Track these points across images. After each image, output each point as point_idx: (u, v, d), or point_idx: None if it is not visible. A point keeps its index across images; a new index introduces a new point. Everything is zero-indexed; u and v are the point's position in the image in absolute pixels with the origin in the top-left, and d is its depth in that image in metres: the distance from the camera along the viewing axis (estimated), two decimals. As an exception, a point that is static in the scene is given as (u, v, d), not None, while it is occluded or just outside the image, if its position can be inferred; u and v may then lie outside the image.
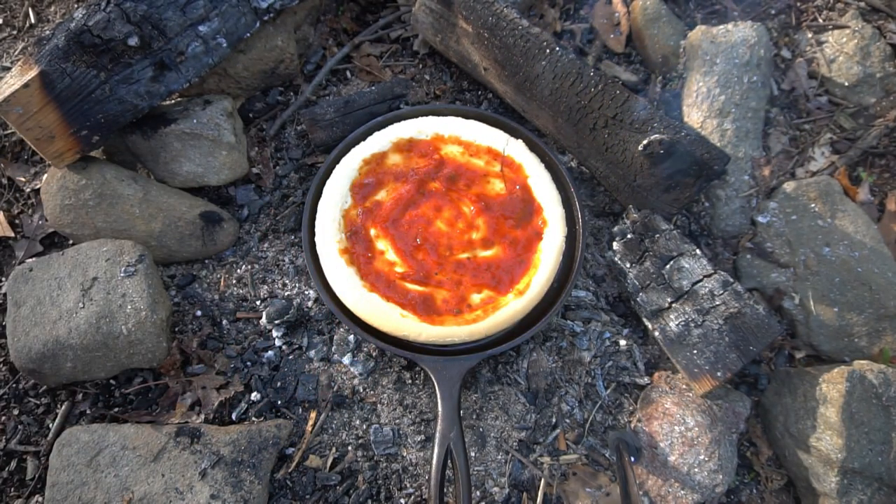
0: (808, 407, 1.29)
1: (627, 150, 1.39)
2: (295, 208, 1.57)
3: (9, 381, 1.40)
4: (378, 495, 1.29)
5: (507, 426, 1.35)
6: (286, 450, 1.32)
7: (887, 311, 1.39)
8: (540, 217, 1.40)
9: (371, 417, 1.35)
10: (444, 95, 1.75)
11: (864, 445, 1.22)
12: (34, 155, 1.65)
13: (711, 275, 1.34)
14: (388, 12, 1.87)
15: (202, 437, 1.25)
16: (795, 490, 1.35)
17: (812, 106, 1.70)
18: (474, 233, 1.38)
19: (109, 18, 1.25)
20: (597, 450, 1.35)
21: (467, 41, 1.58)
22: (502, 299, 1.31)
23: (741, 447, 1.39)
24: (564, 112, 1.45)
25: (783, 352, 1.47)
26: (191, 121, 1.46)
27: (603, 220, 1.59)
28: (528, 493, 1.30)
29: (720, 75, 1.57)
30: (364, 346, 1.40)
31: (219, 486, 1.20)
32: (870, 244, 1.46)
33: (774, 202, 1.54)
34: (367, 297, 1.29)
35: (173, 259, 1.50)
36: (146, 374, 1.39)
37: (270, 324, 1.40)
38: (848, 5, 1.79)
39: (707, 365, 1.28)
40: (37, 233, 1.55)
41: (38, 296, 1.31)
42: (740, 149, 1.55)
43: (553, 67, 1.42)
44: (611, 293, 1.51)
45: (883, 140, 1.64)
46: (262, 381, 1.38)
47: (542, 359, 1.40)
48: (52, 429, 1.35)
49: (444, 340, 1.27)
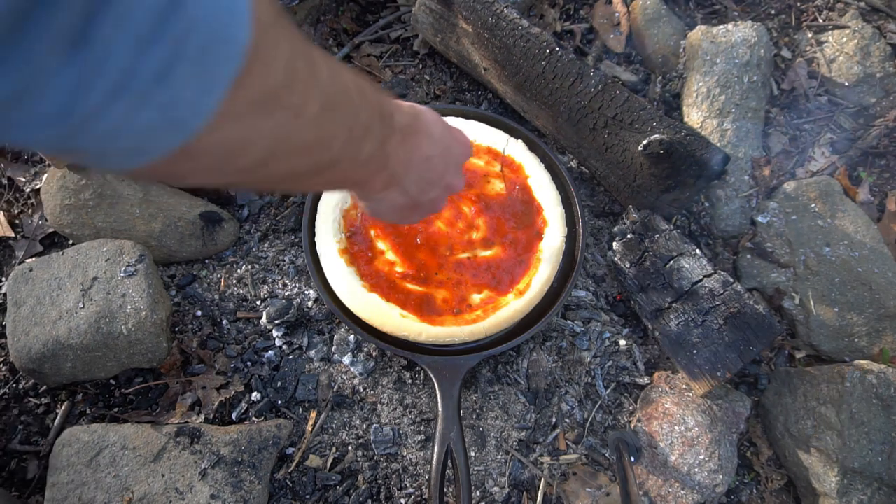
0: (808, 407, 1.29)
1: (627, 150, 1.39)
2: (295, 208, 1.57)
3: (9, 381, 1.40)
4: (378, 495, 1.29)
5: (507, 426, 1.35)
6: (286, 450, 1.32)
7: (887, 311, 1.39)
8: (540, 217, 1.40)
9: (371, 417, 1.35)
10: (444, 95, 1.75)
11: (864, 445, 1.22)
12: (34, 155, 1.65)
13: (711, 275, 1.34)
14: (388, 12, 1.87)
15: (202, 437, 1.25)
16: (795, 490, 1.35)
17: (812, 106, 1.70)
18: (474, 233, 1.38)
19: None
20: (597, 450, 1.35)
21: (467, 41, 1.58)
22: (502, 299, 1.31)
23: (741, 447, 1.39)
24: (564, 112, 1.45)
25: (783, 352, 1.47)
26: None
27: (603, 220, 1.59)
28: (528, 492, 1.30)
29: (720, 75, 1.57)
30: (364, 346, 1.40)
31: (219, 486, 1.20)
32: (870, 244, 1.46)
33: (774, 202, 1.54)
34: (368, 297, 1.29)
35: (173, 259, 1.50)
36: (146, 374, 1.39)
37: (270, 324, 1.41)
38: (848, 5, 1.79)
39: (707, 365, 1.28)
40: (37, 233, 1.55)
41: (38, 296, 1.31)
42: (740, 149, 1.55)
43: (553, 67, 1.42)
44: (611, 293, 1.51)
45: (883, 140, 1.64)
46: (263, 381, 1.38)
47: (542, 359, 1.40)
48: (52, 429, 1.35)
49: (445, 340, 1.27)
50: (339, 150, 0.61)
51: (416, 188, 0.84)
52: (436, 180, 0.87)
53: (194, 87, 0.39)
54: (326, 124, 0.56)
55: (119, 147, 0.40)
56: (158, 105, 0.38)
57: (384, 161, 0.73)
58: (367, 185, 0.77)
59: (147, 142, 0.40)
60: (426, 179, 0.85)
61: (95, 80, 0.34)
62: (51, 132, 0.36)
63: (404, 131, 0.76)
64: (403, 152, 0.77)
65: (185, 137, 0.41)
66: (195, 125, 0.41)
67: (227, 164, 0.49)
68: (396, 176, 0.79)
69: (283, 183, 0.65)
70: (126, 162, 0.42)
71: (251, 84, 0.43)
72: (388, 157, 0.73)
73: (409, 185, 0.82)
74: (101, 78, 0.34)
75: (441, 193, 0.91)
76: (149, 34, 0.35)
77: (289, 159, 0.55)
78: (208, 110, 0.41)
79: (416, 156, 0.80)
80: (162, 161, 0.43)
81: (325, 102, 0.54)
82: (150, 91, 0.37)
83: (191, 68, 0.38)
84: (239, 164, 0.50)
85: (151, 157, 0.42)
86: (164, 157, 0.42)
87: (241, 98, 0.43)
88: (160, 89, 0.37)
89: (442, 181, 0.89)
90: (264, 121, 0.47)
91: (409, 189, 0.83)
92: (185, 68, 0.37)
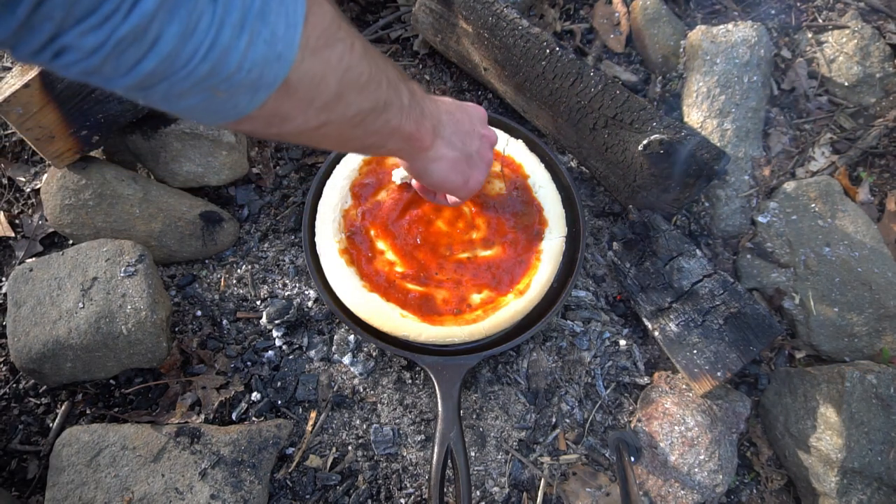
0: (808, 407, 1.29)
1: (627, 150, 1.39)
2: (295, 208, 1.57)
3: (9, 381, 1.40)
4: (378, 495, 1.29)
5: (507, 426, 1.35)
6: (286, 450, 1.32)
7: (887, 311, 1.39)
8: (540, 217, 1.40)
9: (371, 417, 1.35)
10: (444, 96, 1.75)
11: (864, 445, 1.23)
12: (34, 155, 1.65)
13: (711, 275, 1.34)
14: (388, 12, 1.87)
15: (202, 437, 1.25)
16: (795, 490, 1.35)
17: (812, 106, 1.70)
18: (474, 233, 1.38)
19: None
20: (597, 450, 1.35)
21: (467, 41, 1.58)
22: (502, 299, 1.31)
23: (741, 447, 1.39)
24: (564, 112, 1.45)
25: (783, 352, 1.47)
26: (191, 121, 1.46)
27: (603, 220, 1.59)
28: (528, 492, 1.30)
29: (720, 75, 1.57)
30: (364, 346, 1.40)
31: (219, 486, 1.20)
32: (870, 244, 1.46)
33: (774, 202, 1.54)
34: (368, 297, 1.29)
35: (173, 259, 1.50)
36: (146, 374, 1.39)
37: (270, 324, 1.41)
38: (848, 5, 1.79)
39: (707, 365, 1.28)
40: (37, 233, 1.55)
41: (38, 296, 1.31)
42: (740, 149, 1.55)
43: (553, 67, 1.42)
44: (611, 293, 1.51)
45: (883, 140, 1.64)
46: (263, 381, 1.38)
47: (542, 359, 1.40)
48: (52, 429, 1.35)
49: (445, 340, 1.27)
50: (385, 91, 0.73)
51: (458, 139, 0.97)
52: (470, 130, 1.00)
53: (283, 24, 0.50)
54: (371, 64, 0.68)
55: (245, 81, 0.50)
56: (264, 40, 0.49)
57: (421, 110, 0.85)
58: (417, 138, 0.87)
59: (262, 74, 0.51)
60: (462, 131, 0.98)
61: (226, 18, 0.45)
62: (203, 67, 0.46)
63: (421, 90, 0.89)
64: (433, 105, 0.90)
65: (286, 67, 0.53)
66: (291, 56, 0.52)
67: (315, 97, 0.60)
68: (435, 126, 0.90)
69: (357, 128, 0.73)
70: (251, 100, 0.53)
71: (315, 22, 0.55)
72: (423, 108, 0.85)
73: (450, 135, 0.95)
74: (229, 15, 0.45)
75: (482, 144, 1.04)
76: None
77: (355, 94, 0.67)
78: (295, 43, 0.52)
79: (443, 109, 0.94)
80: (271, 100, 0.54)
81: (363, 46, 0.67)
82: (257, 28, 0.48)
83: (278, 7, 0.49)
84: (323, 97, 0.61)
85: (269, 90, 0.53)
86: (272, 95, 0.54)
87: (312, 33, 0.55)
88: (264, 26, 0.48)
89: (475, 131, 1.02)
90: (330, 52, 0.60)
91: (452, 140, 0.95)
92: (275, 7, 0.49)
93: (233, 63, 0.47)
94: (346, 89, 0.64)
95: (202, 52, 0.45)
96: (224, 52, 0.46)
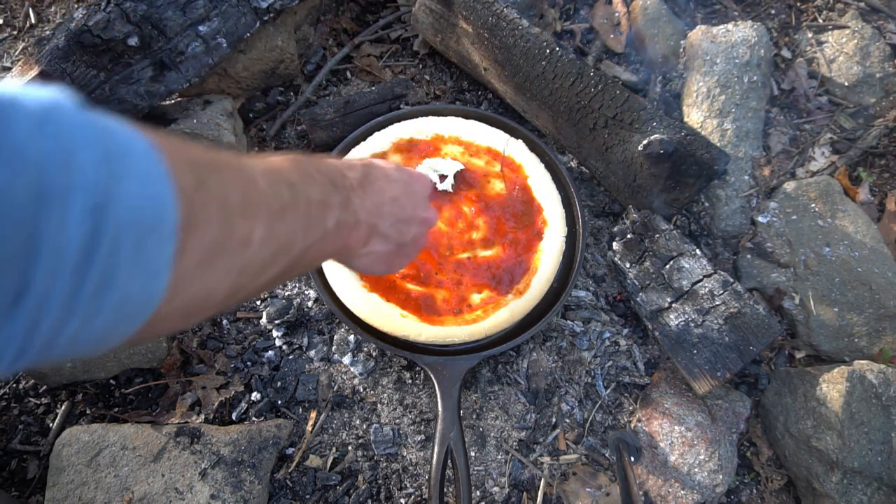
0: (808, 407, 1.29)
1: (627, 150, 1.39)
2: (295, 208, 1.57)
3: (9, 381, 1.40)
4: (378, 495, 1.29)
5: (507, 426, 1.35)
6: (286, 450, 1.32)
7: (887, 311, 1.39)
8: (540, 217, 1.40)
9: (371, 417, 1.35)
10: (444, 95, 1.75)
11: (864, 445, 1.22)
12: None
13: (711, 275, 1.34)
14: (388, 12, 1.87)
15: (202, 437, 1.25)
16: (795, 490, 1.35)
17: (812, 106, 1.70)
18: (474, 233, 1.38)
19: (109, 18, 1.25)
20: (597, 450, 1.35)
21: (467, 41, 1.58)
22: (502, 299, 1.31)
23: (741, 447, 1.39)
24: (564, 112, 1.45)
25: (783, 352, 1.47)
26: (191, 121, 1.46)
27: (603, 220, 1.59)
28: (528, 492, 1.30)
29: (720, 75, 1.57)
30: (364, 346, 1.40)
31: (219, 486, 1.20)
32: (870, 244, 1.46)
33: (774, 202, 1.54)
34: (368, 297, 1.29)
35: (173, 259, 1.49)
36: (146, 374, 1.39)
37: (270, 324, 1.41)
38: (848, 5, 1.79)
39: (707, 365, 1.28)
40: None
41: (38, 296, 1.31)
42: (740, 149, 1.55)
43: (553, 67, 1.42)
44: (611, 293, 1.51)
45: (883, 140, 1.64)
46: (263, 381, 1.38)
47: (542, 359, 1.40)
48: (52, 429, 1.35)
49: (445, 340, 1.27)
50: (302, 241, 0.62)
51: (394, 231, 0.86)
52: (409, 217, 0.89)
53: (140, 280, 0.40)
54: (279, 234, 0.57)
55: (87, 347, 0.41)
56: (110, 307, 0.39)
57: (353, 219, 0.75)
58: (348, 247, 0.78)
59: (110, 334, 0.42)
60: (400, 219, 0.86)
61: (42, 320, 0.36)
62: (19, 366, 0.38)
63: (362, 183, 0.78)
64: (370, 202, 0.79)
65: (143, 319, 0.43)
66: (150, 307, 0.42)
67: (199, 311, 0.50)
68: (372, 226, 0.80)
69: (268, 287, 0.64)
70: (98, 350, 0.43)
71: (192, 249, 0.44)
72: (356, 214, 0.75)
73: (386, 230, 0.84)
74: (47, 315, 0.36)
75: (419, 229, 0.93)
76: (81, 263, 0.36)
77: (257, 278, 0.56)
78: (159, 291, 0.42)
79: (382, 199, 0.82)
80: (132, 336, 0.44)
81: (269, 217, 0.55)
82: (97, 302, 0.38)
83: (131, 267, 0.39)
84: (210, 305, 0.51)
85: (119, 341, 0.43)
86: (130, 336, 0.44)
87: (187, 265, 0.44)
88: (107, 295, 0.38)
89: (415, 217, 0.90)
90: (217, 267, 0.48)
91: (388, 234, 0.84)
92: (126, 269, 0.38)
93: (59, 347, 0.39)
94: (243, 284, 0.54)
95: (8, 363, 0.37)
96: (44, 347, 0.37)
